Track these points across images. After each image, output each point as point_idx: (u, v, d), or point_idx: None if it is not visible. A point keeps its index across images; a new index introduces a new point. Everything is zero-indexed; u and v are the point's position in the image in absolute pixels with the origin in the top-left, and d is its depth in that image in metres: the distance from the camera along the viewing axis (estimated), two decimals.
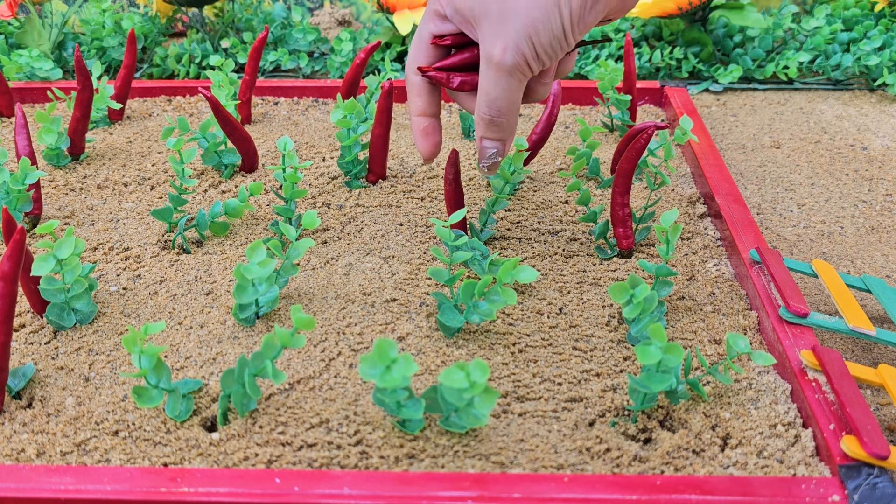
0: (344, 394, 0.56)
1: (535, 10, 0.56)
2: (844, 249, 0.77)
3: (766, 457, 0.52)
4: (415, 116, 0.65)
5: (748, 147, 0.97)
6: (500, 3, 0.56)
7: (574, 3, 0.56)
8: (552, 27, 0.56)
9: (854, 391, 0.52)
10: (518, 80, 0.59)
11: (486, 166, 0.65)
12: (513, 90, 0.59)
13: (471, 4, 0.57)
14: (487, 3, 0.56)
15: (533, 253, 0.72)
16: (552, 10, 0.56)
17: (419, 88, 0.65)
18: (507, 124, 0.62)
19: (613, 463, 0.51)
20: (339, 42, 1.14)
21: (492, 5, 0.56)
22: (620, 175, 0.70)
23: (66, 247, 0.59)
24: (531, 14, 0.56)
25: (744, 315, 0.64)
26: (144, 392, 0.53)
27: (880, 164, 0.93)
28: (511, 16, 0.56)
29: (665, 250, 0.63)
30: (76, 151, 0.87)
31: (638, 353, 0.50)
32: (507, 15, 0.56)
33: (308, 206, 0.79)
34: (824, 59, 1.13)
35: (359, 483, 0.48)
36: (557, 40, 0.57)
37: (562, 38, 0.57)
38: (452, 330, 0.61)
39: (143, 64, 1.18)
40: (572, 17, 0.56)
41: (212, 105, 0.78)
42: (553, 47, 0.57)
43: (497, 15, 0.56)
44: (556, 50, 0.58)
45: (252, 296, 0.60)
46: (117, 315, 0.64)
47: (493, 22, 0.57)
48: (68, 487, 0.47)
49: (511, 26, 0.56)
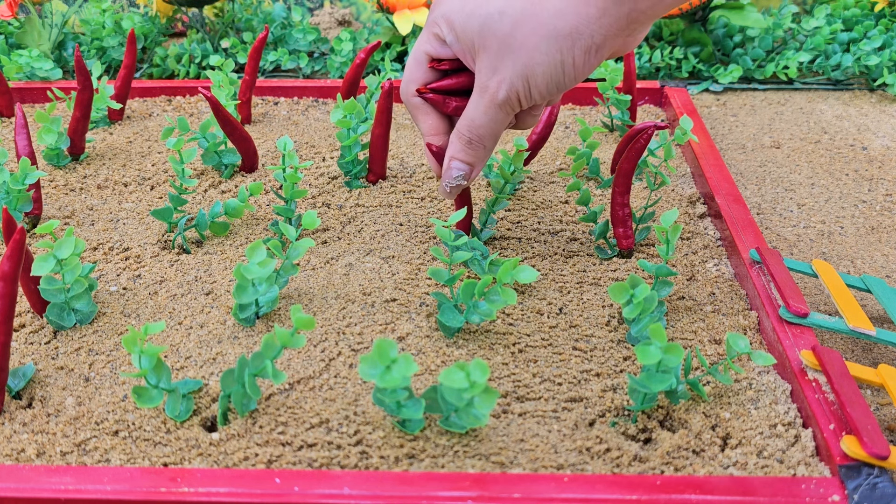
0: (344, 394, 0.56)
1: (537, 52, 0.55)
2: (844, 249, 0.77)
3: (766, 457, 0.52)
4: (427, 136, 0.65)
5: (748, 147, 0.97)
6: (504, 39, 0.56)
7: (578, 52, 0.55)
8: (552, 73, 0.56)
9: (854, 391, 0.52)
10: (506, 113, 0.59)
11: (449, 187, 0.64)
12: (498, 122, 0.60)
13: (472, 36, 0.57)
14: (490, 36, 0.56)
15: (533, 253, 0.72)
16: (554, 56, 0.55)
17: (424, 108, 0.64)
18: (483, 150, 0.62)
19: (613, 463, 0.51)
20: (339, 42, 1.14)
21: (493, 39, 0.56)
22: (620, 175, 0.70)
23: (66, 247, 0.59)
24: (532, 56, 0.55)
25: (744, 315, 0.64)
26: (144, 392, 0.53)
27: (880, 164, 0.93)
28: (512, 52, 0.56)
29: (665, 250, 0.63)
30: (76, 151, 0.87)
31: (638, 353, 0.50)
32: (507, 51, 0.56)
33: (308, 206, 0.79)
34: (824, 59, 1.13)
35: (359, 483, 0.48)
36: (555, 84, 0.57)
37: (561, 83, 0.57)
38: (452, 330, 0.61)
39: (143, 64, 1.18)
40: (575, 65, 0.56)
41: (212, 105, 0.78)
42: (549, 90, 0.57)
43: (497, 49, 0.56)
44: (551, 93, 0.58)
45: (252, 296, 0.60)
46: (117, 315, 0.64)
47: (493, 55, 0.57)
48: (68, 487, 0.47)
49: (510, 63, 0.56)
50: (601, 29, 0.54)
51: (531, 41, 0.55)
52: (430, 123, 0.64)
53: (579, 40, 0.55)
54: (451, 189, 0.64)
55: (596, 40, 0.55)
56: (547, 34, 0.55)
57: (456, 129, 0.62)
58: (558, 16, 0.54)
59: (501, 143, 0.92)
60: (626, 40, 0.57)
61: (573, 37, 0.55)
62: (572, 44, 0.55)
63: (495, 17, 0.55)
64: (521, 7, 0.55)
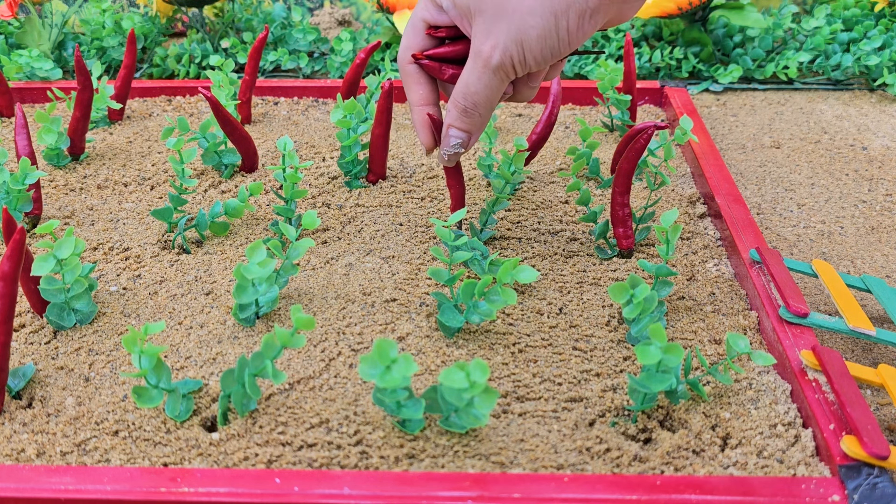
0: (344, 394, 0.56)
1: (531, 16, 0.55)
2: (844, 249, 0.77)
3: (766, 457, 0.52)
4: (416, 107, 0.65)
5: (748, 147, 0.97)
6: (498, 2, 0.55)
7: (572, 16, 0.55)
8: (546, 36, 0.56)
9: (854, 391, 0.52)
10: (500, 79, 0.59)
11: (448, 154, 0.64)
12: (493, 88, 0.59)
13: (468, 1, 0.57)
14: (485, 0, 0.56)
15: (533, 253, 0.72)
16: (549, 19, 0.55)
17: (417, 77, 0.64)
18: (479, 118, 0.62)
19: (613, 463, 0.51)
20: (339, 42, 1.14)
21: (489, 3, 0.56)
22: (620, 175, 0.70)
23: (66, 247, 0.59)
24: (526, 20, 0.55)
25: (744, 315, 0.64)
26: (144, 392, 0.53)
27: (880, 164, 0.93)
28: (506, 16, 0.56)
29: (665, 250, 0.63)
30: (76, 151, 0.87)
31: (638, 353, 0.50)
32: (502, 14, 0.56)
33: (308, 206, 0.79)
34: (824, 59, 1.13)
35: (359, 483, 0.48)
36: (549, 49, 0.57)
37: (555, 48, 0.57)
38: (452, 330, 0.61)
39: (143, 64, 1.18)
40: (569, 30, 0.56)
41: (212, 105, 0.78)
42: (544, 56, 0.57)
43: (492, 12, 0.56)
44: (546, 58, 0.57)
45: (252, 296, 0.60)
46: (117, 315, 0.64)
47: (488, 19, 0.56)
48: (68, 487, 0.47)
49: (504, 26, 0.56)
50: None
51: (525, 4, 0.55)
52: (421, 93, 0.64)
53: (574, 4, 0.54)
54: (448, 157, 0.65)
55: (591, 4, 0.55)
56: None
57: (452, 96, 0.61)
58: None
59: (501, 143, 0.92)
60: (621, 7, 0.56)
61: (567, 1, 0.54)
62: (566, 7, 0.54)
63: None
64: None
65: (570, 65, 1.14)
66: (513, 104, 1.03)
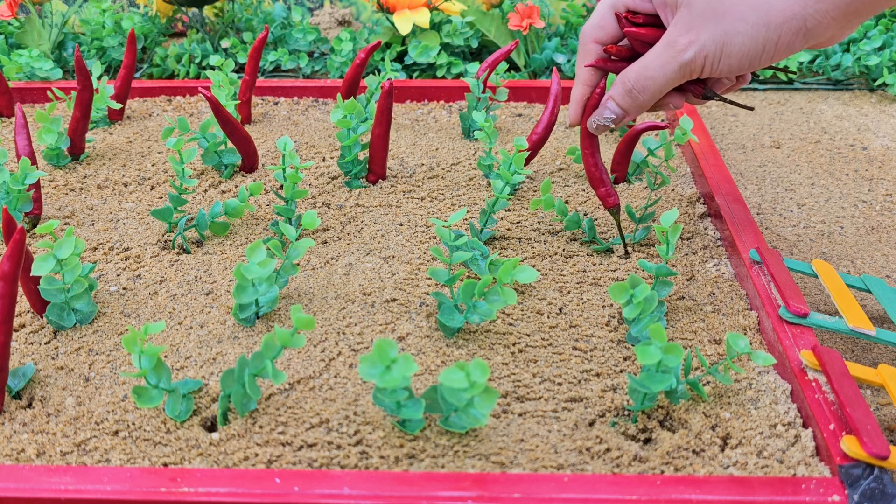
0: (344, 394, 0.56)
1: (742, 23, 0.53)
2: (844, 249, 0.77)
3: (766, 457, 0.52)
4: (580, 83, 0.65)
5: (748, 147, 0.97)
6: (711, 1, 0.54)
7: (785, 31, 0.53)
8: (751, 46, 0.54)
9: (854, 391, 0.52)
10: (682, 75, 0.58)
11: (596, 123, 0.65)
12: (670, 80, 0.58)
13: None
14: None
15: (533, 253, 0.72)
16: (759, 29, 0.53)
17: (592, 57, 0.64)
18: (641, 103, 0.61)
19: (613, 463, 0.51)
20: (339, 42, 1.14)
21: None
22: (583, 137, 0.69)
23: (66, 247, 0.59)
24: (735, 25, 0.53)
25: (744, 315, 0.64)
26: (144, 392, 0.53)
27: (880, 164, 0.93)
28: (714, 16, 0.54)
29: (665, 250, 0.63)
30: (76, 151, 0.87)
31: (638, 353, 0.50)
32: (710, 13, 0.54)
33: (308, 206, 0.79)
34: (824, 59, 1.13)
35: (359, 483, 0.48)
36: (749, 59, 0.55)
37: (756, 59, 0.55)
38: (452, 330, 0.61)
39: (143, 64, 1.18)
40: (778, 45, 0.54)
41: (212, 105, 0.78)
42: (741, 64, 0.55)
43: (701, 8, 0.54)
44: (741, 68, 0.56)
45: (252, 296, 0.60)
46: (117, 315, 0.64)
47: (694, 13, 0.55)
48: (68, 487, 0.47)
49: (710, 25, 0.54)
50: (817, 14, 0.52)
51: (739, 8, 0.53)
52: (588, 74, 0.65)
53: (793, 20, 0.52)
54: (597, 126, 0.65)
55: (809, 24, 0.53)
56: (759, 5, 0.53)
57: (624, 72, 0.61)
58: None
59: (501, 143, 0.92)
60: (836, 32, 0.54)
61: (785, 15, 0.52)
62: (782, 22, 0.53)
63: None
64: None
65: (569, 64, 1.14)
66: (513, 104, 1.03)
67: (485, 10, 1.20)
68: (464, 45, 1.17)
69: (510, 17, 1.12)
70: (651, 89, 0.60)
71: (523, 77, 1.13)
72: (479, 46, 1.21)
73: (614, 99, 0.62)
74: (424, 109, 1.02)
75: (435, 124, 0.97)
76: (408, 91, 1.03)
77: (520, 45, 1.15)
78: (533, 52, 1.16)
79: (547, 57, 1.14)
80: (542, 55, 1.14)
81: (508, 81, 1.02)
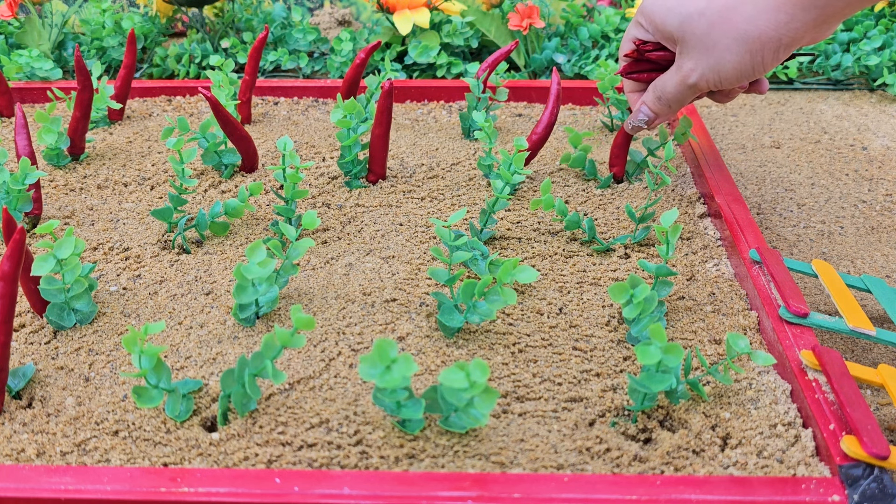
0: (344, 394, 0.56)
1: (729, 53, 0.64)
2: (844, 249, 0.77)
3: (766, 457, 0.52)
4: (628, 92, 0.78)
5: (748, 147, 0.97)
6: (700, 38, 0.65)
7: (767, 52, 0.63)
8: (741, 68, 0.65)
9: (854, 391, 0.52)
10: (692, 92, 0.70)
11: (632, 125, 0.76)
12: (684, 95, 0.71)
13: (671, 29, 0.67)
14: (688, 32, 0.66)
15: (533, 253, 0.72)
16: (744, 56, 0.64)
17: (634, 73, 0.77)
18: (668, 110, 0.73)
19: (613, 463, 0.51)
20: (339, 42, 1.14)
21: (692, 36, 0.66)
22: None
23: (66, 247, 0.59)
24: (723, 56, 0.65)
25: (744, 315, 0.64)
26: (144, 392, 0.53)
27: (880, 164, 0.93)
28: (706, 50, 0.65)
29: (665, 250, 0.63)
30: (76, 151, 0.87)
31: (638, 353, 0.50)
32: (702, 48, 0.66)
33: (308, 206, 0.79)
34: (824, 59, 1.13)
35: (359, 483, 0.48)
36: (744, 76, 0.66)
37: (749, 75, 0.66)
38: (452, 330, 0.61)
39: (143, 64, 1.18)
40: (764, 62, 0.64)
41: (212, 105, 0.78)
42: (739, 79, 0.66)
43: (693, 44, 0.66)
44: (740, 81, 0.67)
45: (252, 296, 0.60)
46: (117, 315, 0.64)
47: (690, 49, 0.67)
48: (68, 487, 0.47)
49: (704, 57, 0.66)
50: (790, 32, 0.62)
51: (723, 42, 0.64)
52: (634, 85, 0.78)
53: (768, 43, 0.63)
54: (632, 126, 0.76)
55: (784, 42, 0.62)
56: (738, 37, 0.63)
57: (653, 83, 0.73)
58: (749, 21, 0.62)
59: (501, 143, 0.92)
60: (814, 36, 0.63)
61: (762, 40, 0.62)
62: (761, 46, 0.63)
63: (694, 17, 0.65)
64: (717, 10, 0.64)
65: (569, 65, 1.14)
66: (513, 104, 1.03)
67: (485, 10, 1.20)
68: (464, 45, 1.17)
69: (510, 17, 1.12)
70: (672, 101, 0.72)
71: (523, 77, 1.13)
72: (479, 46, 1.21)
73: (647, 104, 0.74)
74: (424, 109, 1.02)
75: (435, 124, 0.97)
76: (408, 91, 1.03)
77: (520, 45, 1.15)
78: (533, 52, 1.16)
79: (547, 57, 1.14)
80: (542, 55, 1.14)
81: (508, 81, 1.02)
